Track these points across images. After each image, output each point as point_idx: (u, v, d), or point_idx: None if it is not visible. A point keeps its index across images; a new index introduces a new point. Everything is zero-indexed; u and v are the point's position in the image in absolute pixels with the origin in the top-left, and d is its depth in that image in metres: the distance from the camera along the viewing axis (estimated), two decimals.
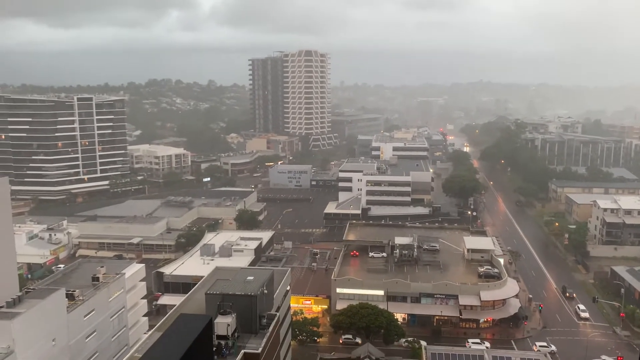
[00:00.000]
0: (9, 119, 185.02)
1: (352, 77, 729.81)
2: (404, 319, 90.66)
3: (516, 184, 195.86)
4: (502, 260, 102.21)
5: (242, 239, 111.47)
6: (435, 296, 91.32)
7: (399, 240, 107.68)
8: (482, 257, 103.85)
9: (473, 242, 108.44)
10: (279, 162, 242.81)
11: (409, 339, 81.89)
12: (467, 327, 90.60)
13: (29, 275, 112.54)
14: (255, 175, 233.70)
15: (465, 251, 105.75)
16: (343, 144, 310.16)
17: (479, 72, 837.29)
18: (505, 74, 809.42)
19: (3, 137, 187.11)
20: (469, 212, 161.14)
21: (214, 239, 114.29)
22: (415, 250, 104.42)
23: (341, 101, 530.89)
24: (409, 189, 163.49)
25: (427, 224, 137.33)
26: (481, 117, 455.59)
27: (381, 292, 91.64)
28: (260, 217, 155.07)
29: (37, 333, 50.51)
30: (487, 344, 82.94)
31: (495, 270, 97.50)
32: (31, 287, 61.16)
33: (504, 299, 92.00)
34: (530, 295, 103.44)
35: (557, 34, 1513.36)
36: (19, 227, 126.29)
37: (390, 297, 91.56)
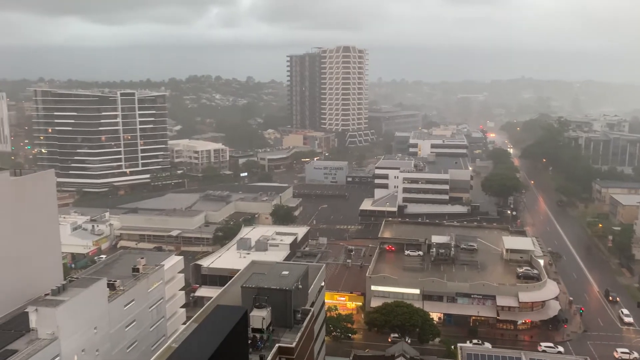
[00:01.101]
0: (55, 114, 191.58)
1: (390, 73, 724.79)
2: (439, 318, 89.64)
3: (558, 184, 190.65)
4: (542, 262, 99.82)
5: (278, 233, 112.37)
6: (472, 296, 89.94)
7: (436, 238, 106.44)
8: (521, 257, 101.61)
9: (512, 242, 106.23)
10: (315, 158, 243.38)
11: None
12: (504, 329, 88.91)
13: (73, 265, 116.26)
14: (291, 171, 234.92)
15: (504, 251, 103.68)
16: (380, 141, 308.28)
17: (520, 69, 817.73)
18: (548, 70, 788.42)
19: (50, 130, 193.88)
20: (509, 212, 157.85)
21: (250, 233, 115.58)
22: (453, 249, 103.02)
23: (378, 97, 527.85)
24: (447, 187, 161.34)
25: (465, 222, 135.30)
26: (522, 114, 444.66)
27: (417, 291, 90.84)
28: (296, 213, 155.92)
29: (80, 321, 52.16)
30: (561, 349, 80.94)
31: (535, 271, 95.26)
32: (74, 277, 63.25)
33: (543, 301, 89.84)
34: (571, 298, 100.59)
35: (604, 29, 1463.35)
36: (64, 218, 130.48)
37: (425, 296, 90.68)
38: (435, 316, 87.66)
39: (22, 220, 58.31)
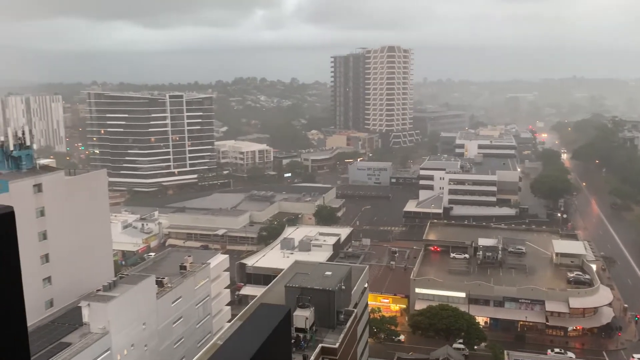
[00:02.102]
0: (107, 115, 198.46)
1: (436, 72, 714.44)
2: (485, 322, 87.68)
3: (612, 186, 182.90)
4: (594, 266, 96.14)
5: (321, 234, 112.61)
6: (519, 301, 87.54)
7: (483, 241, 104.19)
8: (572, 262, 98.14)
9: (563, 245, 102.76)
10: (359, 159, 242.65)
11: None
12: (553, 335, 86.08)
13: (123, 262, 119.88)
14: (335, 171, 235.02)
15: (554, 255, 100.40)
16: (425, 141, 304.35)
17: (572, 67, 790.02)
18: (601, 68, 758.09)
19: (102, 132, 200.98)
20: (559, 214, 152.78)
21: (293, 233, 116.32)
22: (500, 252, 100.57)
23: (424, 97, 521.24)
24: (494, 188, 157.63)
25: (513, 225, 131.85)
26: (574, 114, 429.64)
27: (462, 294, 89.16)
28: (339, 214, 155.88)
29: (129, 316, 53.76)
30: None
31: (587, 276, 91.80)
32: (125, 273, 65.26)
33: (595, 307, 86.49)
34: (626, 305, 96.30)
35: None
36: (115, 216, 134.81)
37: (471, 300, 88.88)
38: (481, 320, 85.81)
39: (75, 218, 60.64)
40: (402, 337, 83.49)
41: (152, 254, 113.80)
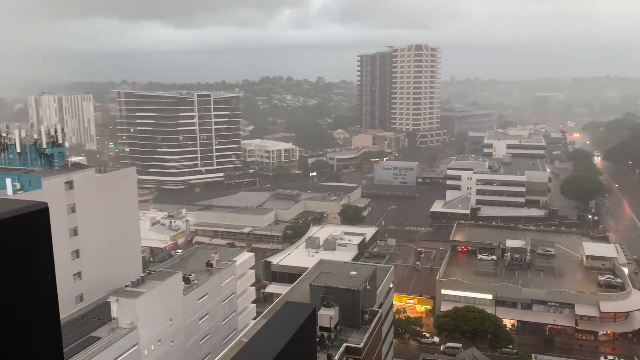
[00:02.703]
0: (137, 114, 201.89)
1: (464, 71, 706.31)
2: (513, 325, 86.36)
3: None
4: (626, 270, 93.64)
5: (346, 233, 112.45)
6: (548, 304, 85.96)
7: (511, 243, 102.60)
8: (603, 265, 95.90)
9: (593, 248, 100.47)
10: (385, 158, 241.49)
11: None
12: (583, 339, 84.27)
13: (151, 258, 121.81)
14: (360, 171, 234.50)
15: (584, 258, 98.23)
16: (452, 141, 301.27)
17: (605, 66, 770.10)
18: (636, 67, 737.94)
19: (132, 130, 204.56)
20: (590, 216, 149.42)
21: (318, 232, 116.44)
22: (528, 254, 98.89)
23: (451, 96, 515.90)
24: (523, 189, 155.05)
25: (542, 227, 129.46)
26: (607, 114, 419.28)
27: (489, 296, 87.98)
28: (364, 213, 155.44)
29: (157, 312, 54.59)
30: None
31: (618, 279, 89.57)
32: (152, 270, 66.30)
33: (627, 312, 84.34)
34: None
35: None
36: (144, 213, 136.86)
37: (498, 302, 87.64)
38: (508, 323, 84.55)
39: (105, 214, 61.86)
40: (436, 339, 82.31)
41: (180, 251, 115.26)
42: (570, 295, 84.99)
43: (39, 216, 2.53)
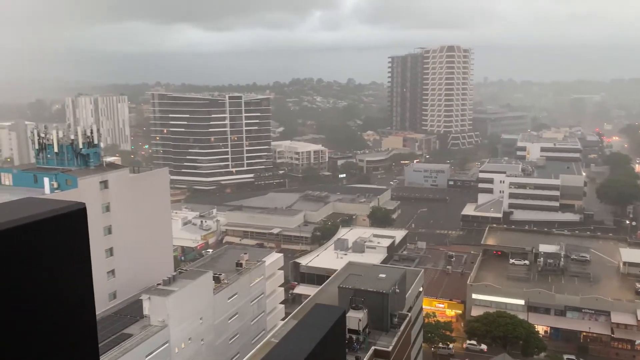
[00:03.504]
0: (170, 115, 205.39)
1: (497, 72, 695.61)
2: (545, 332, 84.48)
3: None
4: None
5: (375, 236, 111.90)
6: (583, 310, 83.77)
7: (544, 247, 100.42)
8: None
9: (631, 254, 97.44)
10: (415, 161, 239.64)
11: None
12: (619, 348, 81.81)
13: (182, 258, 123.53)
14: (390, 173, 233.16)
15: (621, 264, 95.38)
16: (485, 143, 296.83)
17: None
18: None
19: (165, 131, 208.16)
20: (627, 222, 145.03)
21: (347, 234, 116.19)
22: (562, 259, 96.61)
23: (484, 98, 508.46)
24: (557, 193, 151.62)
25: (576, 232, 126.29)
26: None
27: (521, 302, 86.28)
28: (394, 216, 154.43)
29: (187, 310, 55.35)
30: None
31: None
32: (184, 268, 67.27)
33: None
34: None
35: None
36: (176, 213, 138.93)
37: (531, 308, 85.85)
38: (540, 329, 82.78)
39: (138, 214, 63.08)
40: (484, 347, 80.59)
41: (210, 250, 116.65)
42: (606, 302, 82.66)
43: (77, 216, 2.60)
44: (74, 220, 2.58)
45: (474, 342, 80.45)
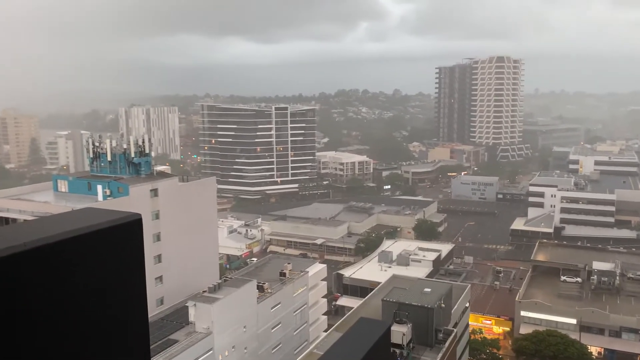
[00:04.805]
0: (218, 126, 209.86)
1: (549, 83, 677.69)
2: (599, 353, 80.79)
3: None
4: None
5: (420, 249, 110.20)
6: None
7: (598, 265, 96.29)
8: None
9: None
10: (463, 173, 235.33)
11: None
12: None
13: (228, 265, 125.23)
14: (437, 185, 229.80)
15: None
16: (535, 156, 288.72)
17: None
18: None
19: (213, 141, 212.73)
20: None
21: (391, 246, 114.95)
22: (618, 277, 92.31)
23: (535, 110, 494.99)
24: (612, 208, 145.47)
25: (633, 249, 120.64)
26: None
27: (573, 321, 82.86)
28: (440, 229, 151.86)
29: (232, 318, 55.91)
30: None
31: None
32: (228, 276, 68.14)
33: None
34: None
35: None
36: (222, 221, 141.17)
37: (583, 328, 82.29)
38: (594, 350, 79.21)
39: (186, 222, 64.47)
40: None
41: (254, 259, 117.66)
42: None
43: (133, 227, 2.70)
44: (130, 230, 2.69)
45: None
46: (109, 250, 2.59)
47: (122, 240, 2.66)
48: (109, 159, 65.22)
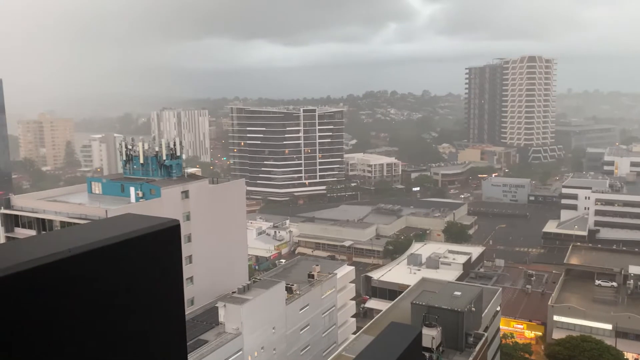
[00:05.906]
0: (247, 129, 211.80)
1: (582, 83, 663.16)
2: (636, 359, 78.55)
3: None
4: None
5: (450, 252, 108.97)
6: None
7: (635, 269, 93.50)
8: None
9: None
10: (494, 175, 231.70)
11: None
12: None
13: (257, 267, 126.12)
14: (467, 187, 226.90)
15: None
16: (568, 157, 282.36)
17: None
18: None
19: (242, 144, 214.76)
20: None
21: (421, 249, 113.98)
22: None
23: (567, 110, 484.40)
24: None
25: None
26: None
27: (608, 326, 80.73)
28: (470, 231, 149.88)
29: (261, 319, 56.31)
30: None
31: None
32: (257, 278, 68.67)
33: None
34: None
35: None
36: (251, 223, 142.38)
37: (619, 333, 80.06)
38: (630, 357, 76.98)
39: (216, 223, 65.26)
40: None
41: (283, 260, 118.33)
42: None
43: (172, 232, 2.78)
44: (169, 236, 2.77)
45: None
46: (149, 255, 2.67)
47: (162, 245, 2.74)
48: (141, 161, 66.55)
